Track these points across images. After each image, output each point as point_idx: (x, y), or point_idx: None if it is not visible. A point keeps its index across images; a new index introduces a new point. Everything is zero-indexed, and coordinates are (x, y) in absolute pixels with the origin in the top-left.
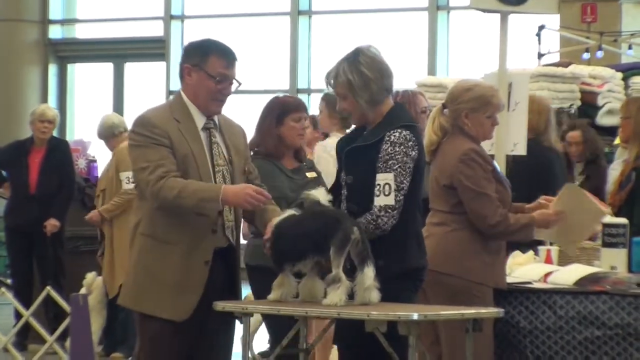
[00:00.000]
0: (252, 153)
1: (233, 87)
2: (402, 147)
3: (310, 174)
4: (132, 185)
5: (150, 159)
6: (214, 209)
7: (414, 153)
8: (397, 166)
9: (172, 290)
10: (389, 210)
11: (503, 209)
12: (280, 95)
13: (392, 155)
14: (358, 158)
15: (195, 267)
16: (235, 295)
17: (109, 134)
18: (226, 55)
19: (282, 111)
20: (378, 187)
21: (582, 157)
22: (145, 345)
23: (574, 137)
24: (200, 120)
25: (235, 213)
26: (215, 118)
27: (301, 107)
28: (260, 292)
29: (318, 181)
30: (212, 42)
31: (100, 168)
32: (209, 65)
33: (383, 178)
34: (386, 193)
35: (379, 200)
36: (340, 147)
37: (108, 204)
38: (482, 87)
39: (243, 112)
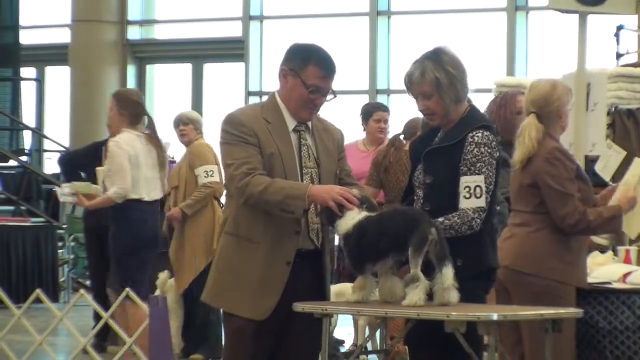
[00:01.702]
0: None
1: (327, 98)
2: (487, 148)
3: None
4: (210, 179)
5: (237, 157)
6: (300, 207)
7: (497, 154)
8: (485, 168)
9: (253, 289)
10: (482, 212)
11: (582, 206)
12: None
13: (479, 157)
14: (438, 159)
15: (276, 267)
16: (323, 297)
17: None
18: (325, 67)
19: None
20: (468, 189)
21: None
22: (228, 341)
23: None
24: (291, 122)
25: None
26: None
27: None
28: None
29: None
30: (314, 50)
31: None
32: (305, 73)
33: (473, 180)
34: (477, 195)
35: (470, 203)
36: (415, 148)
37: (189, 200)
38: (559, 82)
39: (322, 113)
